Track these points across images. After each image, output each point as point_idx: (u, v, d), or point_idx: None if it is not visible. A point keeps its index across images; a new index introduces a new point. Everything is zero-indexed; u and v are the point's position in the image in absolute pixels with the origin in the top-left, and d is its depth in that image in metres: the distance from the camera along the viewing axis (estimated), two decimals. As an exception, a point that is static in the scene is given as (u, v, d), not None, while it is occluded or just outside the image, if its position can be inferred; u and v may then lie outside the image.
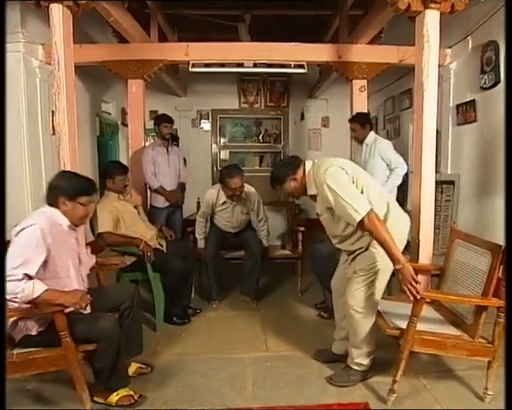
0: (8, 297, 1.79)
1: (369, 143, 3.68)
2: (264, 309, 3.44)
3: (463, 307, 2.19)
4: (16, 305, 1.84)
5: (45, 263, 1.92)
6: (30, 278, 1.83)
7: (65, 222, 2.03)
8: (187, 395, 2.20)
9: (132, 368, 2.34)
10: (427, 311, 2.26)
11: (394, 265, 1.98)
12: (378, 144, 3.61)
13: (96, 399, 2.10)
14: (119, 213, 3.04)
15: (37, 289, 1.82)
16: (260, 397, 2.19)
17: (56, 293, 1.90)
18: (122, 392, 2.08)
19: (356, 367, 2.28)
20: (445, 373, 2.40)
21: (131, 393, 2.10)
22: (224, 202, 3.41)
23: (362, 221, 1.98)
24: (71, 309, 1.94)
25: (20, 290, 1.78)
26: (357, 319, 2.19)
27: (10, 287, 1.77)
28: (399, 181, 3.58)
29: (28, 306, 1.86)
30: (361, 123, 3.71)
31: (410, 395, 2.18)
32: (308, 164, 2.25)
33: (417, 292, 1.91)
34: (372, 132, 3.72)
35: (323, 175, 2.08)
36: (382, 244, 1.98)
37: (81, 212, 2.05)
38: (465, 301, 2.10)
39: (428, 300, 2.21)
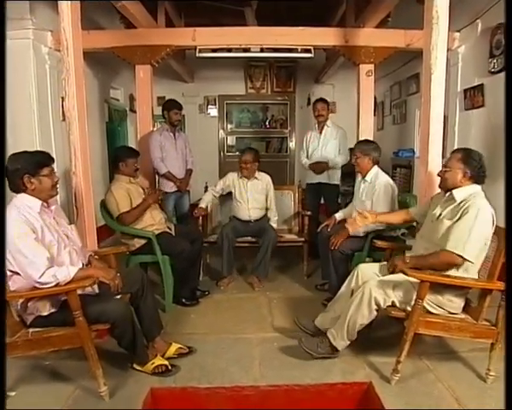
0: (48, 286, 1.90)
1: (330, 124, 4.18)
2: (271, 292, 3.50)
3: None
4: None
5: None
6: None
7: (36, 204, 2.00)
8: (196, 374, 2.27)
9: (172, 349, 2.43)
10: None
11: (405, 259, 2.11)
12: (339, 129, 4.18)
13: (135, 366, 2.28)
14: (132, 195, 3.12)
15: (70, 270, 1.95)
16: (267, 376, 2.25)
17: (90, 269, 2.10)
18: (158, 361, 2.25)
19: (332, 341, 2.29)
20: (449, 355, 2.45)
21: (166, 363, 2.28)
22: (241, 177, 3.84)
23: (448, 254, 2.04)
24: (81, 292, 2.02)
25: (60, 276, 1.90)
26: (364, 305, 2.20)
27: (46, 277, 1.87)
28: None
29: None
30: (328, 104, 4.18)
31: (414, 375, 2.24)
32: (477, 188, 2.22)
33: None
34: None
35: (484, 204, 2.11)
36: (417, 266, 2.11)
37: (48, 184, 2.04)
38: (470, 284, 2.11)
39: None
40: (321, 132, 4.17)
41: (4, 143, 2.48)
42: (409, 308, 2.13)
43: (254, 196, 3.81)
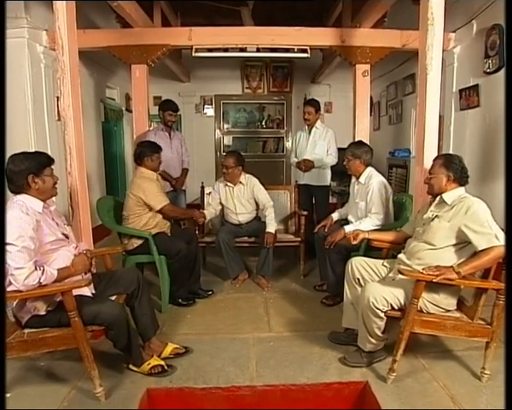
0: (33, 286, 1.87)
1: (319, 126, 4.14)
2: (267, 291, 3.51)
3: (463, 290, 2.23)
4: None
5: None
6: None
7: (38, 204, 2.02)
8: (192, 374, 2.27)
9: (169, 349, 2.43)
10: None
11: (454, 269, 2.03)
12: (328, 130, 4.14)
13: (130, 367, 2.27)
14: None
15: (52, 272, 1.93)
16: (263, 376, 2.25)
17: (66, 269, 2.04)
18: (153, 361, 2.25)
19: (365, 348, 2.30)
20: (444, 353, 2.46)
21: (162, 363, 2.28)
22: (226, 185, 3.75)
23: (488, 249, 1.99)
24: (78, 292, 2.00)
25: (43, 278, 1.88)
26: (370, 314, 2.19)
27: (32, 278, 1.85)
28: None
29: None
30: (315, 108, 4.09)
31: (410, 374, 2.24)
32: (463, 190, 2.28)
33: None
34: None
35: (476, 201, 2.14)
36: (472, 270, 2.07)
37: (50, 183, 2.08)
38: (466, 283, 2.11)
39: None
40: (310, 133, 4.17)
41: (4, 143, 2.47)
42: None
43: (241, 202, 3.74)
